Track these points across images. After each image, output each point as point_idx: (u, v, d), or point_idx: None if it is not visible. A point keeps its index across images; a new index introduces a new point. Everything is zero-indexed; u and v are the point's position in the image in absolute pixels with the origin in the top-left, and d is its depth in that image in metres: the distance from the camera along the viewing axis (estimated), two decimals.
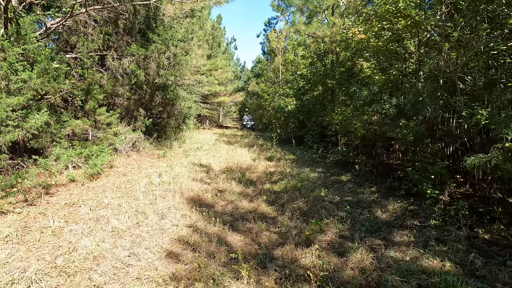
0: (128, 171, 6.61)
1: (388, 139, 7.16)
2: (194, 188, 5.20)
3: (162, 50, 8.48)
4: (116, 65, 8.35)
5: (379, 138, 7.05)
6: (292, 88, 12.07)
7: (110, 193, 4.81)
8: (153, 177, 5.88)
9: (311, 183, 5.60)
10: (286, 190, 5.17)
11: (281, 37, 18.12)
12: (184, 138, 12.52)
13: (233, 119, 38.12)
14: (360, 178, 5.97)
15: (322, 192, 4.99)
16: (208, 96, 21.78)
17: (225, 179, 5.86)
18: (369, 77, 5.29)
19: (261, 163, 7.82)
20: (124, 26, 8.68)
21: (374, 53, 5.47)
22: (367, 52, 5.86)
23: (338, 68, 9.56)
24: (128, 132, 8.80)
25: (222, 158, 8.68)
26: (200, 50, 10.44)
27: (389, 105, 5.48)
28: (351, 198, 4.80)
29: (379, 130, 6.28)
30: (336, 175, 6.40)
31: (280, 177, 6.21)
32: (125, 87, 8.80)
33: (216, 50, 23.25)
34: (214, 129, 23.12)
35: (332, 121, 8.27)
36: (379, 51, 5.41)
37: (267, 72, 20.52)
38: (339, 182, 5.75)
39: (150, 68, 8.65)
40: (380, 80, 5.25)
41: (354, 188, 5.32)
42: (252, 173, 6.59)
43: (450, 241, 3.19)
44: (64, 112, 6.67)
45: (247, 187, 5.41)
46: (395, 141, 7.27)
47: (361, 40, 5.63)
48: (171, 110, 11.00)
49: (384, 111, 5.68)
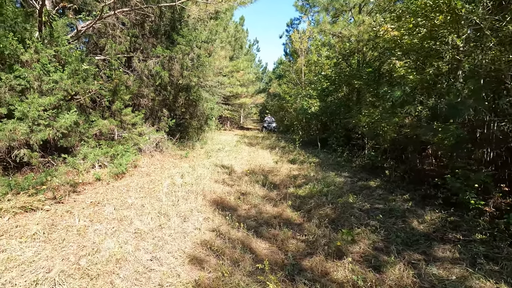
0: (151, 171, 6.65)
1: (421, 143, 6.72)
2: (216, 190, 5.10)
3: (186, 51, 8.52)
4: (141, 66, 8.50)
5: (411, 142, 6.62)
6: (316, 89, 11.76)
7: (134, 193, 4.82)
8: (175, 178, 5.86)
9: (338, 188, 5.32)
10: (311, 195, 4.93)
11: (304, 38, 17.80)
12: (206, 139, 12.57)
13: (254, 121, 38.12)
14: (391, 184, 5.60)
15: (350, 199, 4.71)
16: (230, 98, 21.87)
17: (248, 182, 5.71)
18: (402, 76, 4.93)
19: (284, 166, 7.61)
20: (150, 28, 8.84)
21: (408, 51, 5.09)
22: (399, 50, 5.50)
23: (364, 68, 9.16)
24: (152, 133, 8.92)
25: (244, 159, 8.57)
26: (223, 51, 10.44)
27: (423, 107, 5.08)
28: (382, 206, 4.48)
29: (412, 133, 5.88)
30: (363, 180, 6.06)
31: (304, 181, 5.98)
32: (150, 88, 8.94)
33: (239, 51, 23.32)
34: (235, 130, 23.18)
35: (358, 123, 7.91)
36: (414, 49, 5.03)
37: (290, 73, 20.25)
38: (368, 188, 5.42)
39: (174, 69, 8.73)
40: (414, 80, 4.87)
41: (384, 195, 4.98)
42: (275, 176, 6.40)
43: (502, 259, 2.82)
44: (92, 112, 6.84)
45: (271, 191, 5.23)
46: (429, 145, 6.81)
47: (393, 38, 5.28)
48: (194, 111, 11.07)
49: (417, 113, 5.29)
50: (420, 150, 7.12)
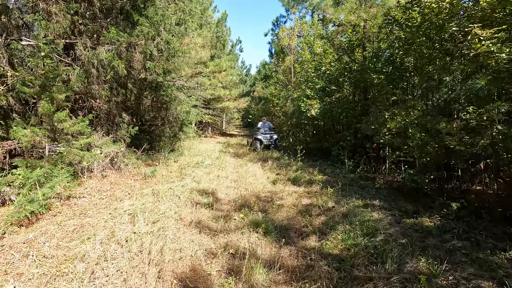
0: (92, 205, 4.38)
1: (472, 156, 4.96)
2: (187, 251, 2.95)
3: (151, 34, 6.34)
4: (89, 55, 6.20)
5: (456, 156, 4.81)
6: (314, 88, 9.87)
7: (29, 268, 2.56)
8: (122, 223, 3.63)
9: (385, 236, 3.32)
10: (350, 255, 2.91)
11: (293, 34, 16.04)
12: (182, 149, 10.32)
13: (237, 126, 35.95)
14: (456, 223, 3.67)
15: (422, 264, 2.72)
16: (211, 101, 19.67)
17: (241, 224, 3.62)
18: (486, 55, 3.09)
19: (286, 189, 5.57)
20: (101, 5, 6.56)
21: (490, 18, 3.25)
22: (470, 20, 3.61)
23: (380, 61, 7.37)
24: (106, 144, 6.63)
25: (230, 179, 6.44)
26: (201, 39, 8.32)
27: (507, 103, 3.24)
28: (485, 283, 2.49)
29: (461, 142, 4.03)
30: (410, 214, 4.12)
31: (324, 219, 3.95)
32: (102, 85, 6.66)
33: (221, 51, 21.23)
34: (217, 137, 20.92)
35: (378, 129, 6.04)
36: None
37: (277, 74, 18.39)
38: (430, 235, 3.44)
39: (135, 60, 6.51)
40: (505, 60, 2.99)
41: (471, 253, 2.95)
42: (278, 210, 4.33)
43: None
44: (16, 117, 4.58)
45: (281, 246, 3.15)
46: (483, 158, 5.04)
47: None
48: (166, 115, 8.84)
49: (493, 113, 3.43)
50: (468, 166, 5.34)
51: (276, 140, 10.99)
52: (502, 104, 3.09)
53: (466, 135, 4.11)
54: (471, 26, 3.36)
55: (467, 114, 3.68)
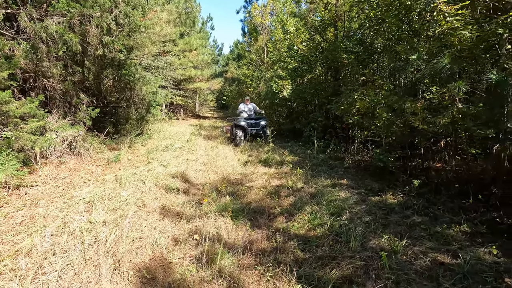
0: (45, 195, 4.02)
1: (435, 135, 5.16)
2: (147, 240, 2.79)
3: (107, 6, 5.74)
4: (36, 28, 5.53)
5: (420, 134, 4.99)
6: (286, 68, 9.71)
7: None
8: (77, 212, 3.36)
9: (350, 215, 3.37)
10: (316, 236, 2.91)
11: (266, 12, 15.55)
12: (151, 132, 9.85)
13: (211, 108, 35.12)
14: (417, 199, 3.83)
15: (384, 241, 2.79)
16: (182, 82, 18.85)
17: (208, 209, 3.49)
18: (451, 33, 3.07)
19: (257, 170, 5.51)
20: None
21: None
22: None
23: (352, 40, 7.33)
24: (63, 128, 6.11)
25: (200, 162, 6.25)
26: (165, 13, 7.73)
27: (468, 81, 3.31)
28: (449, 260, 2.56)
29: (424, 122, 4.15)
30: (374, 192, 4.24)
31: (293, 200, 3.94)
32: (54, 62, 6.04)
33: (190, 28, 20.14)
34: (189, 119, 20.32)
35: (348, 110, 6.09)
36: None
37: (250, 54, 17.92)
38: (393, 211, 3.56)
39: (90, 34, 5.91)
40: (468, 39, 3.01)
41: (429, 227, 3.06)
42: (248, 193, 4.26)
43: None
44: None
45: (249, 227, 3.09)
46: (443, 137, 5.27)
47: None
48: (130, 96, 8.28)
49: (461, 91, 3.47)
50: (429, 145, 5.58)
51: (265, 128, 8.54)
52: (463, 83, 3.15)
53: (429, 115, 4.25)
54: (436, 1, 3.34)
55: (431, 94, 3.75)
